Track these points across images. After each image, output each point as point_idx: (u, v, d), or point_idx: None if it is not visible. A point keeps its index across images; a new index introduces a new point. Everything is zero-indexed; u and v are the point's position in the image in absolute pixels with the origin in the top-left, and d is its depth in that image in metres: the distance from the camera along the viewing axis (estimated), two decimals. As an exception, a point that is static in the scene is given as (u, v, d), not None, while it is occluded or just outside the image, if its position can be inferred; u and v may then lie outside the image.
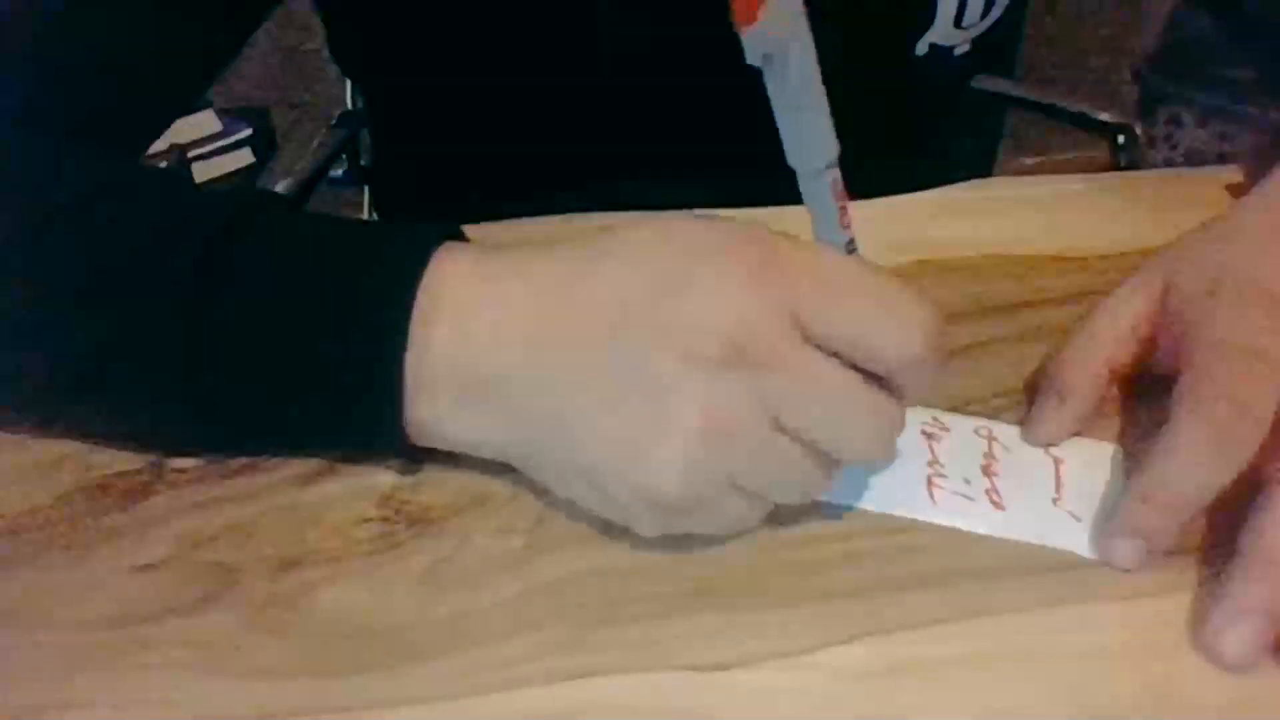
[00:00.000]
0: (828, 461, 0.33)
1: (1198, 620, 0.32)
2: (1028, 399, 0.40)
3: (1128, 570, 0.34)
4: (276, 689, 0.31)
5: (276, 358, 0.35)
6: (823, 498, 0.35)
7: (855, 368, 0.32)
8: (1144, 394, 0.39)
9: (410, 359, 0.34)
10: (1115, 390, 0.40)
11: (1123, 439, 0.39)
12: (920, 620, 0.32)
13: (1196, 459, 0.33)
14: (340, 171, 1.02)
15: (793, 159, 0.36)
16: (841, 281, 0.32)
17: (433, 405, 0.35)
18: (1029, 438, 0.39)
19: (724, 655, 0.31)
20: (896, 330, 0.32)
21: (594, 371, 0.33)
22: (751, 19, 0.33)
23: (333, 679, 0.31)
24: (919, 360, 0.32)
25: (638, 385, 0.32)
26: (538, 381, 0.33)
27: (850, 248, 0.37)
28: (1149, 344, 0.39)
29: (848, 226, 0.37)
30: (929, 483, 0.37)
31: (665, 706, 0.30)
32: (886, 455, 0.34)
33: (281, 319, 0.35)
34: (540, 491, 0.36)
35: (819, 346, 0.31)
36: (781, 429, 0.32)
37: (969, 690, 0.30)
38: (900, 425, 0.33)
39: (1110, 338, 0.39)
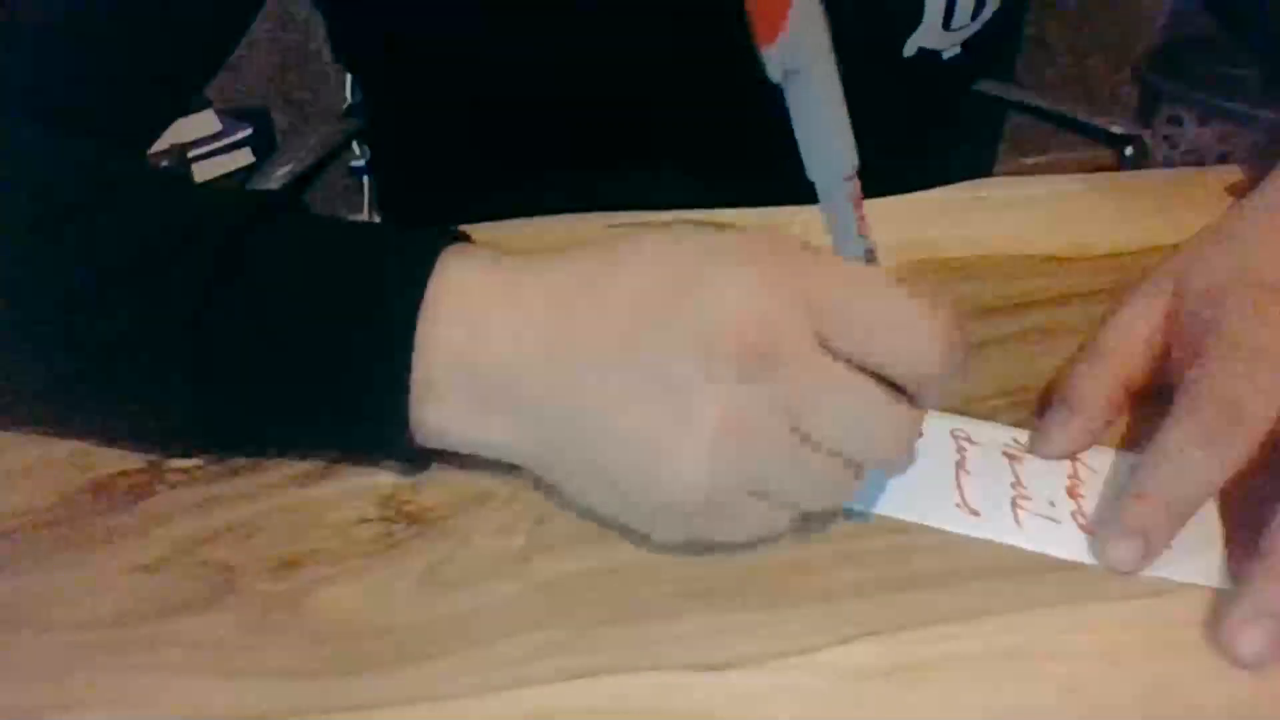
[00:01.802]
0: (851, 465, 0.32)
1: (1212, 617, 0.32)
2: (1039, 412, 0.40)
3: (1127, 572, 0.33)
4: (276, 689, 0.31)
5: (283, 358, 0.35)
6: (922, 519, 0.35)
7: (874, 376, 0.32)
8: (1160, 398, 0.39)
9: (417, 360, 0.34)
10: (1131, 401, 0.39)
11: (1138, 446, 0.38)
12: (920, 620, 0.32)
13: (1188, 459, 0.33)
14: (364, 161, 1.02)
15: (812, 170, 0.35)
16: (860, 291, 0.32)
17: (441, 407, 0.34)
18: (1040, 451, 0.38)
19: (724, 655, 0.31)
20: (913, 341, 0.32)
21: (613, 373, 0.32)
22: (773, 38, 0.33)
23: (333, 679, 0.31)
24: (935, 371, 0.32)
25: (657, 386, 0.32)
26: (554, 379, 0.33)
27: (870, 257, 0.36)
28: (1163, 355, 0.39)
29: (867, 234, 0.36)
30: (1014, 505, 0.36)
31: (665, 706, 0.30)
32: (906, 458, 0.33)
33: (289, 320, 0.35)
34: (540, 491, 0.36)
35: (835, 353, 0.31)
36: (802, 434, 0.31)
37: (969, 690, 0.30)
38: (917, 428, 0.33)
39: (1124, 351, 0.39)
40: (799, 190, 0.36)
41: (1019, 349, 0.43)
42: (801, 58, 0.33)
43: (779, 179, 0.38)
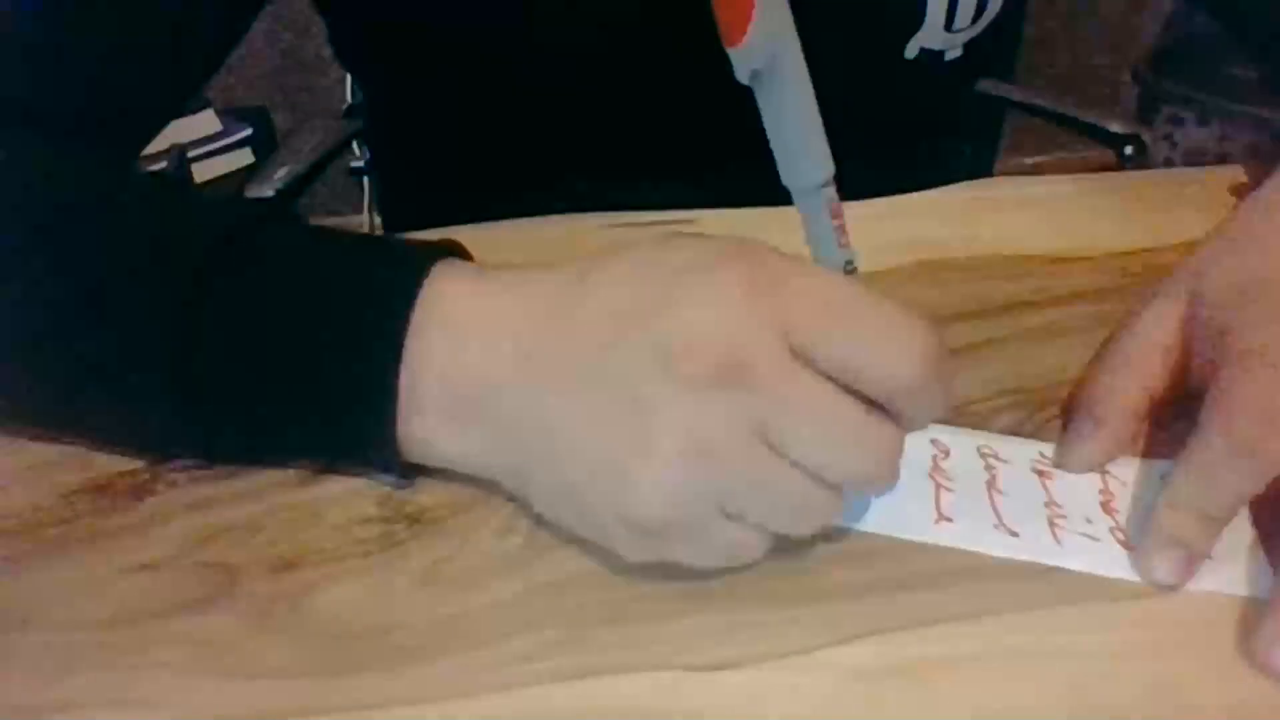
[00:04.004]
0: (830, 487, 0.31)
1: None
2: (1063, 423, 0.39)
3: (1173, 586, 0.33)
4: (276, 689, 0.31)
5: (270, 371, 0.35)
6: (936, 539, 0.35)
7: (853, 392, 0.30)
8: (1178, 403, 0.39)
9: (404, 374, 0.34)
10: (1153, 409, 0.39)
11: (1158, 453, 0.38)
12: (920, 620, 0.32)
13: (1221, 469, 0.33)
14: (363, 162, 1.03)
15: (786, 177, 0.35)
16: (837, 303, 0.31)
17: (423, 420, 0.34)
18: (1068, 465, 0.38)
19: (724, 655, 0.31)
20: (892, 355, 0.30)
21: (582, 391, 0.32)
22: (739, 38, 0.32)
23: (333, 679, 0.31)
24: (915, 386, 0.30)
25: (623, 405, 0.31)
26: (527, 396, 0.33)
27: (849, 267, 0.36)
28: (1182, 362, 0.38)
29: (846, 245, 0.36)
30: (1051, 524, 0.35)
31: (665, 707, 0.30)
32: (887, 480, 0.32)
33: (276, 333, 0.35)
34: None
35: (813, 369, 0.30)
36: (776, 453, 0.30)
37: (969, 690, 0.30)
38: (896, 446, 0.31)
39: (1144, 360, 0.39)
40: (785, 191, 0.36)
41: (1019, 349, 0.43)
42: (769, 58, 0.33)
43: (773, 180, 0.38)
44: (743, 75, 0.33)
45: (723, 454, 0.30)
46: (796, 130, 0.34)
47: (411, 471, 0.37)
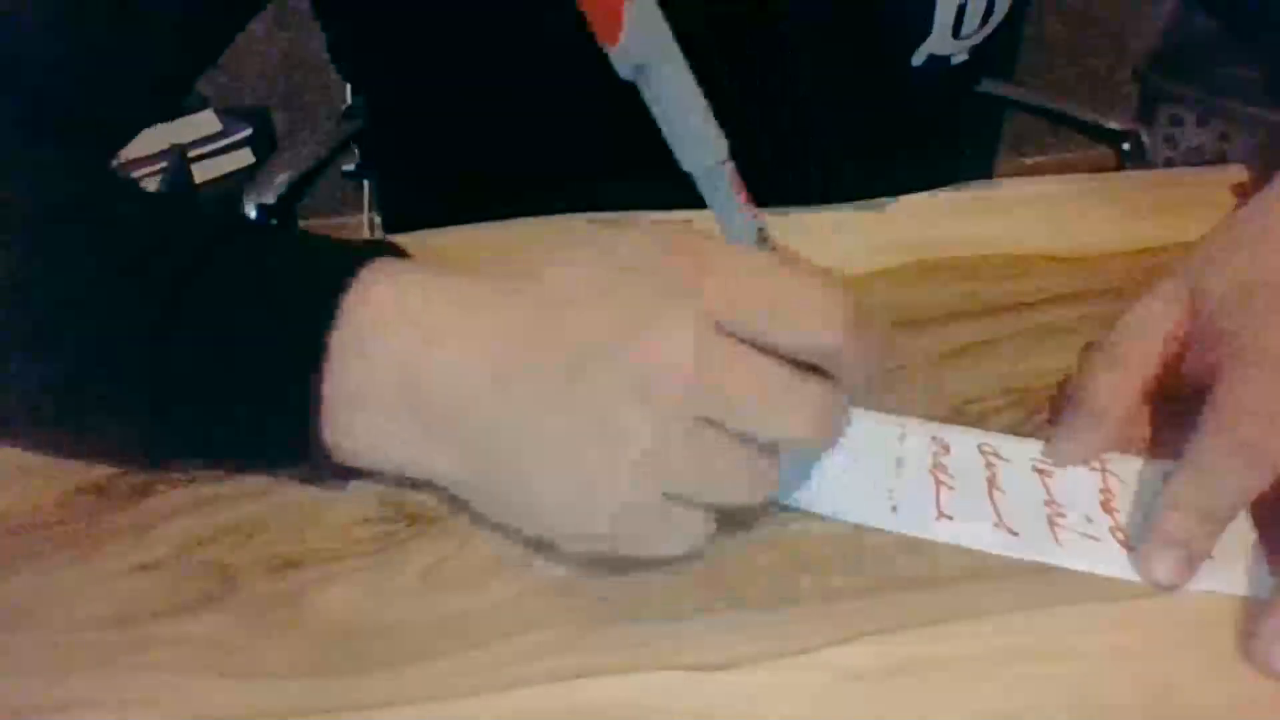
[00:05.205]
0: (765, 450, 0.32)
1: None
2: (1052, 416, 0.39)
3: (1172, 586, 0.33)
4: (276, 689, 0.31)
5: (220, 377, 0.35)
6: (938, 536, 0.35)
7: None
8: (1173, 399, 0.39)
9: (331, 375, 0.33)
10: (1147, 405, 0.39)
11: (1158, 453, 0.38)
12: (920, 620, 0.32)
13: (1223, 470, 0.33)
14: (354, 165, 1.03)
15: (684, 162, 0.36)
16: (754, 275, 0.32)
17: (371, 421, 0.34)
18: (1060, 458, 0.38)
19: (724, 655, 0.31)
20: (811, 325, 0.31)
21: (552, 413, 0.31)
22: (614, 37, 0.33)
23: (333, 679, 0.31)
24: (836, 349, 0.31)
25: (598, 432, 0.31)
26: (500, 418, 0.32)
27: (761, 234, 0.37)
28: (1179, 359, 0.38)
29: (754, 215, 0.37)
30: (1051, 523, 0.35)
31: (665, 706, 0.30)
32: (821, 436, 0.32)
33: (227, 341, 0.34)
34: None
35: (738, 338, 0.31)
36: (709, 423, 0.31)
37: (969, 690, 0.30)
38: (830, 405, 0.32)
39: (1141, 356, 0.38)
40: (786, 192, 0.36)
41: (1019, 349, 0.43)
42: (647, 53, 0.34)
43: (771, 182, 0.37)
44: (624, 72, 0.34)
45: (678, 461, 0.31)
46: (685, 118, 0.35)
47: (345, 473, 0.36)
